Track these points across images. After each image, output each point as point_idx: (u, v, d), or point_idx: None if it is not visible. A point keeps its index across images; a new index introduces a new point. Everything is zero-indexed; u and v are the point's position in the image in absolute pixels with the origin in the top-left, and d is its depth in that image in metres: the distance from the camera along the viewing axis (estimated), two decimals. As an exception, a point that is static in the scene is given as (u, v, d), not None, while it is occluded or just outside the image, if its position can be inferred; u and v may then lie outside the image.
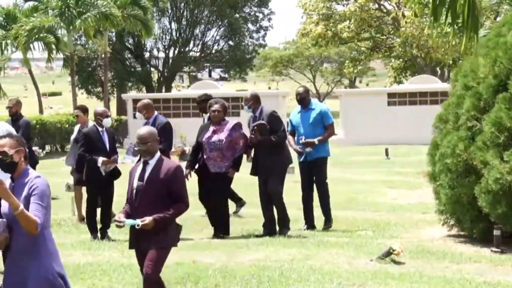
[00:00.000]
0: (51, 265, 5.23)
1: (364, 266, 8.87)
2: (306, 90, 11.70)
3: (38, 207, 5.11)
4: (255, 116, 11.06)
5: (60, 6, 34.47)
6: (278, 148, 10.87)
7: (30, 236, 5.15)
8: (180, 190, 6.54)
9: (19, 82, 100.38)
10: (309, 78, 76.00)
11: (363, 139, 30.56)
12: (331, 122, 11.60)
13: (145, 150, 6.54)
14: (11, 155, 5.23)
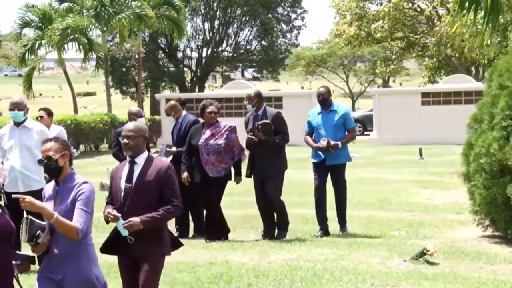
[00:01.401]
0: (90, 269, 5.24)
1: (398, 267, 8.83)
2: (328, 91, 11.16)
3: (82, 213, 5.13)
4: (257, 114, 10.68)
5: (95, 6, 34.74)
6: (277, 151, 10.53)
7: (70, 241, 5.17)
8: (172, 191, 5.88)
9: (54, 82, 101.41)
10: (342, 78, 75.74)
11: (396, 139, 30.43)
12: (354, 126, 11.23)
13: (126, 144, 5.91)
14: (56, 159, 5.24)
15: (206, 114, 10.62)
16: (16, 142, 9.10)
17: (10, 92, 68.09)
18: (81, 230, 5.10)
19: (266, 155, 10.45)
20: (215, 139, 10.50)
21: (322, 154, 10.88)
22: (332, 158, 10.85)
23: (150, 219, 5.76)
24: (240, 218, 12.41)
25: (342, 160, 11.01)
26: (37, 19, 37.75)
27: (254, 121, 10.61)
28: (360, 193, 15.35)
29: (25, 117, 9.21)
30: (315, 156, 11.04)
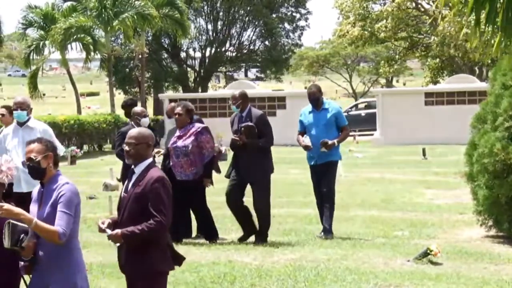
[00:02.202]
0: (74, 276, 5.12)
1: (401, 267, 8.82)
2: (319, 89, 10.91)
3: (63, 216, 5.00)
4: (242, 115, 10.39)
5: (97, 6, 34.80)
6: (262, 154, 10.25)
7: (55, 245, 5.07)
8: (155, 206, 5.37)
9: (57, 82, 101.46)
10: (345, 78, 75.71)
11: (400, 139, 30.42)
12: (347, 124, 11.00)
13: (127, 152, 5.60)
14: (38, 161, 5.16)
15: (174, 116, 10.36)
16: (19, 142, 9.12)
17: (14, 93, 68.18)
18: (62, 234, 4.96)
19: (250, 158, 10.16)
20: (183, 140, 10.17)
21: (313, 154, 10.73)
22: (323, 156, 10.67)
23: (130, 233, 5.38)
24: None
25: (334, 157, 10.81)
26: (40, 19, 37.79)
27: (239, 123, 10.34)
28: (363, 193, 15.35)
29: (28, 117, 9.22)
30: (309, 159, 10.90)
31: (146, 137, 5.64)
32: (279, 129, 28.73)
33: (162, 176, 5.50)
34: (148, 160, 5.61)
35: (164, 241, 5.56)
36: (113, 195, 14.55)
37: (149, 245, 5.47)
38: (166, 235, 5.59)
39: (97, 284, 8.03)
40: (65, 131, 28.05)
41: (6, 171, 5.21)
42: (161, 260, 5.52)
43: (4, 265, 5.15)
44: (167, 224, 5.43)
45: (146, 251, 5.48)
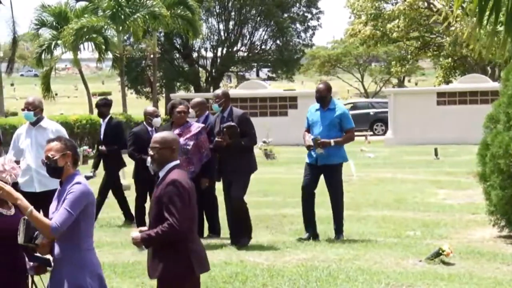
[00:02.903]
0: (84, 278, 5.09)
1: (413, 267, 8.80)
2: (327, 88, 10.64)
3: (63, 213, 4.99)
4: (223, 116, 10.26)
5: (112, 6, 34.82)
6: (244, 153, 10.11)
7: (65, 244, 5.08)
8: (168, 209, 5.36)
9: (69, 82, 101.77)
10: (357, 78, 75.61)
11: (412, 139, 30.36)
12: (351, 127, 10.68)
13: (151, 156, 5.61)
14: (55, 159, 5.17)
15: (175, 113, 10.19)
16: (32, 142, 9.16)
17: (27, 93, 68.41)
18: (55, 229, 4.94)
19: (232, 158, 10.00)
20: (185, 139, 10.05)
21: (314, 154, 10.54)
22: (323, 157, 10.44)
23: (147, 237, 5.40)
24: (255, 218, 12.39)
25: (335, 160, 10.56)
26: (52, 18, 37.91)
27: (221, 123, 10.19)
28: (375, 193, 15.33)
29: (36, 117, 9.25)
30: (309, 156, 10.68)
31: (169, 142, 5.60)
32: (290, 129, 28.85)
33: (175, 179, 5.43)
34: (171, 163, 5.56)
35: (185, 245, 5.45)
36: (125, 194, 14.57)
37: (169, 249, 5.42)
38: (189, 238, 5.48)
39: (109, 284, 8.01)
40: (77, 131, 28.12)
41: (9, 170, 5.21)
42: (179, 264, 5.43)
43: (9, 265, 5.16)
44: (180, 227, 5.33)
45: (164, 255, 5.44)
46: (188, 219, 5.42)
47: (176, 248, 5.42)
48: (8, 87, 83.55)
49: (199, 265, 5.54)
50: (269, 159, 23.32)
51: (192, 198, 5.51)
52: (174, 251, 5.42)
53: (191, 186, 5.55)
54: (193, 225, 5.56)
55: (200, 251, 5.57)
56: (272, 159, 23.13)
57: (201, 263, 5.57)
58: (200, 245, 5.64)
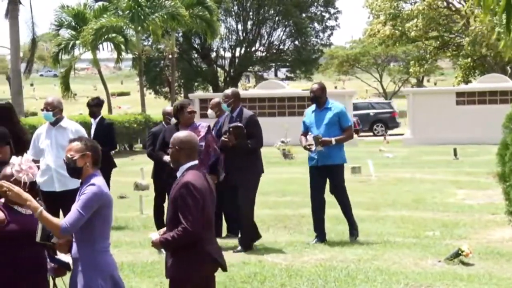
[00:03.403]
0: (96, 280, 5.09)
1: (432, 267, 8.77)
2: (321, 88, 10.47)
3: (73, 213, 5.00)
4: (232, 116, 10.12)
5: (131, 6, 34.92)
6: (251, 155, 9.93)
7: (80, 244, 5.11)
8: (181, 212, 5.34)
9: (89, 82, 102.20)
10: (375, 77, 75.39)
11: (430, 139, 30.26)
12: (350, 124, 10.60)
13: (170, 154, 5.66)
14: (74, 159, 5.18)
15: (185, 113, 9.94)
16: (52, 142, 9.21)
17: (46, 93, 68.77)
18: (64, 229, 4.95)
19: (238, 159, 9.83)
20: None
21: (313, 155, 10.44)
22: (323, 158, 10.31)
23: (164, 240, 5.41)
24: (274, 218, 12.42)
25: (336, 161, 10.38)
26: (71, 19, 38.08)
27: (229, 123, 10.07)
28: (394, 193, 15.29)
29: (56, 118, 9.29)
30: (310, 160, 10.57)
31: (185, 143, 5.57)
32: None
33: (187, 181, 5.40)
34: (188, 164, 5.54)
35: (201, 245, 5.44)
36: (144, 194, 14.63)
37: (184, 249, 5.41)
38: (205, 239, 5.46)
39: (128, 283, 8.05)
40: (96, 131, 28.15)
41: (26, 169, 5.22)
42: (194, 265, 5.42)
43: (29, 265, 5.19)
44: (193, 230, 5.32)
45: (179, 255, 5.43)
46: (202, 220, 5.40)
47: (191, 249, 5.41)
48: (28, 87, 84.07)
49: (213, 265, 5.55)
50: (287, 159, 23.31)
51: (207, 199, 5.47)
52: (189, 252, 5.41)
53: (206, 187, 5.51)
54: (209, 226, 5.55)
55: (215, 252, 5.56)
56: (290, 159, 23.12)
57: (216, 263, 5.56)
58: (216, 245, 5.64)
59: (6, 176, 5.20)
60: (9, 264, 5.13)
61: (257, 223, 11.80)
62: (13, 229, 5.14)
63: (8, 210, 5.19)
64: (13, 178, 5.16)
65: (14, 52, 33.52)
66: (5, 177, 5.19)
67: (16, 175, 5.17)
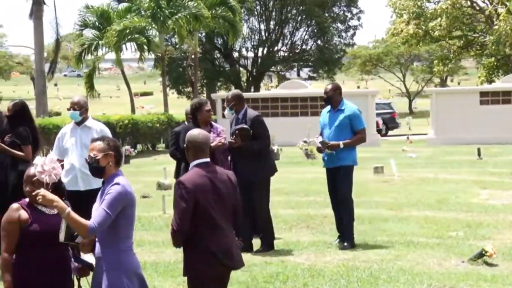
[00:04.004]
0: (121, 279, 5.11)
1: (455, 268, 8.73)
2: (334, 88, 10.28)
3: (101, 213, 5.01)
4: (238, 117, 10.02)
5: (152, 7, 35.10)
6: (260, 155, 9.84)
7: (104, 244, 5.13)
8: (174, 211, 5.52)
9: (112, 82, 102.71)
10: (398, 77, 75.13)
11: (454, 139, 30.11)
12: (362, 127, 10.28)
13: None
14: (97, 159, 5.20)
15: (203, 112, 9.91)
16: (76, 141, 9.26)
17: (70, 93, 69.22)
18: (92, 229, 4.96)
19: (247, 160, 9.72)
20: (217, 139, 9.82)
21: (325, 157, 10.34)
22: (333, 160, 10.18)
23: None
24: (296, 217, 12.42)
25: (345, 162, 10.16)
26: (95, 19, 38.29)
27: (235, 125, 9.99)
28: (417, 193, 15.22)
29: (82, 117, 9.35)
30: (323, 161, 10.50)
31: (189, 141, 5.63)
32: (331, 129, 28.82)
33: (178, 180, 5.50)
34: (195, 162, 5.58)
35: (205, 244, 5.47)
36: (167, 194, 14.67)
37: (191, 248, 5.50)
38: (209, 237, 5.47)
39: (150, 283, 8.08)
40: (119, 131, 28.33)
41: (49, 170, 5.22)
42: (201, 263, 5.47)
43: (54, 264, 5.22)
44: (178, 229, 5.40)
45: (187, 254, 5.53)
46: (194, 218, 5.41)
47: (194, 248, 5.48)
48: (52, 87, 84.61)
49: (218, 265, 5.54)
50: (310, 158, 23.28)
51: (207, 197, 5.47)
52: (195, 251, 5.48)
53: (206, 185, 5.49)
54: (212, 225, 5.51)
55: (222, 251, 5.54)
56: (312, 158, 23.08)
57: (221, 262, 5.54)
58: (225, 245, 5.58)
59: (29, 176, 5.22)
60: (33, 264, 5.16)
61: (279, 223, 11.83)
62: (37, 229, 5.16)
63: (32, 210, 5.21)
64: (35, 178, 5.19)
65: (38, 52, 33.72)
66: (28, 177, 5.22)
67: (39, 176, 5.19)
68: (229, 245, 5.61)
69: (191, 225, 5.41)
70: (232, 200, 5.65)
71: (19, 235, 5.16)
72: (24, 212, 5.20)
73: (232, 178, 5.71)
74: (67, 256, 5.28)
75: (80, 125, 9.35)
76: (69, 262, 5.28)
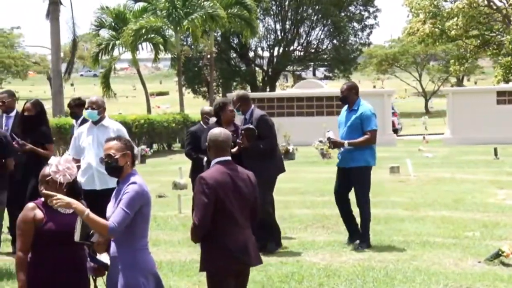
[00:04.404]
0: (137, 278, 5.11)
1: (472, 268, 8.69)
2: (348, 88, 10.24)
3: (120, 212, 5.01)
4: (245, 118, 10.03)
5: (168, 7, 35.17)
6: (266, 155, 9.77)
7: (120, 243, 5.12)
8: (194, 205, 5.64)
9: (128, 82, 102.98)
10: (415, 77, 74.86)
11: (470, 139, 29.98)
12: (372, 129, 10.10)
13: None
14: (116, 158, 5.21)
15: (227, 112, 9.89)
16: (93, 141, 9.28)
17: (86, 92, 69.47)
18: (112, 229, 4.97)
19: (253, 160, 9.53)
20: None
21: (339, 156, 10.31)
22: (345, 159, 10.16)
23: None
24: (312, 217, 12.40)
25: (358, 163, 10.07)
26: (111, 19, 38.43)
27: (243, 125, 9.97)
28: (434, 193, 15.16)
29: (99, 117, 9.38)
30: (338, 159, 10.49)
31: (210, 139, 5.69)
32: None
33: (201, 176, 5.55)
34: (216, 159, 5.65)
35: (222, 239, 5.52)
36: (182, 193, 14.70)
37: (208, 243, 5.54)
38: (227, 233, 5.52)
39: (166, 282, 8.09)
40: (135, 131, 28.39)
41: (63, 170, 5.21)
42: (217, 259, 5.51)
43: (69, 264, 5.22)
44: (199, 224, 5.44)
45: (205, 250, 5.58)
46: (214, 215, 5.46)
47: (213, 243, 5.52)
48: (68, 87, 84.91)
49: (235, 261, 5.58)
50: (325, 158, 23.25)
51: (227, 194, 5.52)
52: (213, 246, 5.52)
53: (226, 182, 5.55)
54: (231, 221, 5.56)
55: (239, 248, 5.58)
56: (328, 158, 23.04)
57: (237, 259, 5.58)
58: (243, 242, 5.62)
59: (43, 176, 5.23)
60: (48, 264, 5.16)
61: (295, 222, 11.83)
62: (52, 228, 5.16)
63: (47, 209, 5.22)
64: (50, 178, 5.19)
65: (55, 52, 33.86)
66: (43, 177, 5.23)
67: (53, 175, 5.18)
68: (246, 242, 5.65)
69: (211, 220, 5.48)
70: (251, 199, 5.71)
71: (34, 234, 5.17)
72: (39, 211, 5.20)
73: (251, 178, 5.77)
74: (83, 256, 5.27)
75: (96, 124, 9.38)
76: (85, 261, 5.28)
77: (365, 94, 34.36)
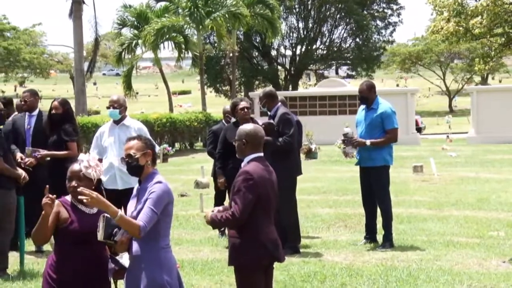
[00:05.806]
0: (161, 276, 5.10)
1: (496, 268, 8.60)
2: (368, 87, 10.21)
3: (148, 212, 5.02)
4: (270, 115, 9.99)
5: (189, 6, 35.21)
6: (284, 154, 9.67)
7: (144, 242, 5.11)
8: (234, 197, 5.54)
9: (150, 81, 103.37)
10: (438, 75, 74.48)
11: (495, 137, 29.77)
12: (393, 127, 10.06)
13: (236, 147, 5.81)
14: (136, 158, 5.20)
15: (238, 111, 9.93)
16: (115, 140, 9.29)
17: (108, 91, 69.80)
18: (143, 228, 4.98)
19: (270, 158, 9.04)
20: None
21: (357, 156, 10.25)
22: (364, 159, 10.09)
23: (214, 218, 5.57)
24: (335, 216, 12.35)
25: (376, 162, 10.01)
26: (133, 18, 38.55)
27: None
28: (458, 193, 15.06)
29: (121, 116, 9.38)
30: (356, 159, 10.44)
31: (244, 136, 5.72)
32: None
33: (246, 170, 5.57)
34: (251, 156, 5.68)
35: (256, 234, 5.54)
36: (204, 192, 14.70)
37: (240, 238, 5.55)
38: (261, 228, 5.55)
39: (188, 281, 8.08)
40: (157, 130, 28.46)
41: (94, 166, 5.28)
42: (248, 254, 5.53)
43: (92, 264, 5.21)
44: (239, 217, 5.45)
45: (236, 244, 5.57)
46: (254, 209, 5.49)
47: (248, 237, 5.54)
48: (91, 85, 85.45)
49: (268, 257, 5.61)
50: (348, 157, 23.16)
51: (267, 189, 5.58)
52: (245, 241, 5.53)
53: (267, 178, 5.62)
54: (267, 216, 5.62)
55: (272, 244, 5.61)
56: (351, 157, 22.97)
57: (270, 253, 5.61)
58: (274, 238, 5.67)
59: (75, 172, 5.24)
60: (72, 263, 5.17)
61: (317, 222, 11.79)
62: (76, 228, 5.18)
63: (72, 208, 5.23)
64: (81, 173, 5.21)
65: (77, 51, 33.99)
66: (73, 173, 5.24)
67: (85, 170, 5.22)
68: (277, 238, 5.71)
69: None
70: (276, 196, 5.76)
71: (57, 233, 5.19)
72: (64, 210, 5.22)
73: (274, 175, 5.81)
74: (106, 257, 5.28)
75: (118, 123, 9.38)
76: (107, 262, 5.28)
77: (388, 92, 34.27)
